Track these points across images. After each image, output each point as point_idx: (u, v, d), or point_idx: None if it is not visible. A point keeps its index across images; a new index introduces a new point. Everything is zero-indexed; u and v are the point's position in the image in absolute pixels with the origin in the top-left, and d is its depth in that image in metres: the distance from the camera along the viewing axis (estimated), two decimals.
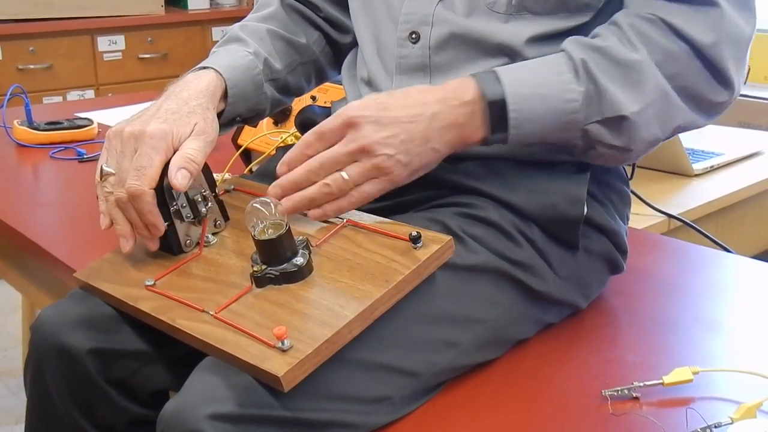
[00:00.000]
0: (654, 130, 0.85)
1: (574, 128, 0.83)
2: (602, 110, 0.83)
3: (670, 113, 0.85)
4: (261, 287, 0.79)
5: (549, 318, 0.92)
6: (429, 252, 0.79)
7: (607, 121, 0.83)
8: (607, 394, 0.79)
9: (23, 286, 1.41)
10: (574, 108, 0.83)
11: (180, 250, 0.88)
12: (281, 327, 0.71)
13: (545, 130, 0.84)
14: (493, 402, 0.81)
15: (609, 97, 0.82)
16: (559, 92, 0.83)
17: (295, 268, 0.79)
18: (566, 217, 0.88)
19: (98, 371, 0.85)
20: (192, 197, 0.86)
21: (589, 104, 0.83)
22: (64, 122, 1.71)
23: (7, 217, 1.27)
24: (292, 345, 0.71)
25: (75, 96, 3.07)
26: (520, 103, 0.82)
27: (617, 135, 0.84)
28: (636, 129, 0.84)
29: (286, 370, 0.69)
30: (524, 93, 0.82)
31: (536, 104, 0.82)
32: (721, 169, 1.60)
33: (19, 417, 2.14)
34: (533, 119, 0.83)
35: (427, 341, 0.80)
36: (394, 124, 0.81)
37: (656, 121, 0.84)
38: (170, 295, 0.82)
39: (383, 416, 0.78)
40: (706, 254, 1.19)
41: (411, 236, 0.79)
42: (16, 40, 2.95)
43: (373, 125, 0.81)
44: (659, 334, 0.94)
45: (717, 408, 0.77)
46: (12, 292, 1.79)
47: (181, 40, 3.29)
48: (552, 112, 0.83)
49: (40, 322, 0.87)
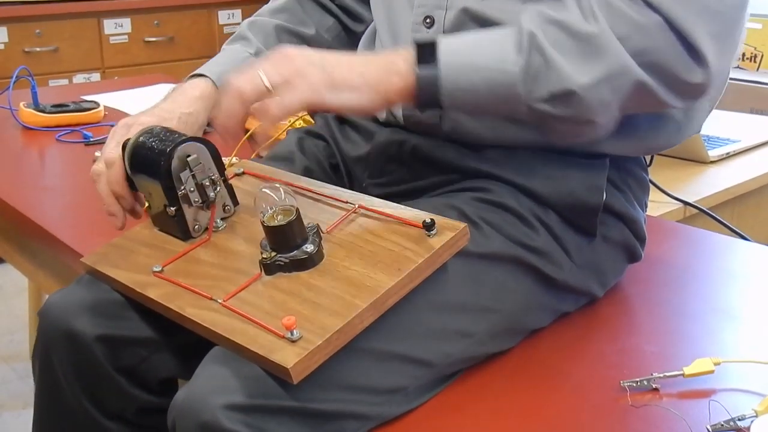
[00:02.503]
0: (610, 105, 0.79)
1: (516, 101, 0.79)
2: (548, 84, 0.78)
3: (633, 90, 0.79)
4: (270, 275, 0.78)
5: (565, 307, 0.91)
6: (443, 240, 0.76)
7: (554, 97, 0.78)
8: (626, 385, 0.77)
9: (29, 270, 1.40)
10: (511, 80, 0.78)
11: (188, 236, 0.86)
12: (290, 317, 0.70)
13: (482, 102, 0.81)
14: (509, 392, 0.79)
15: (557, 70, 0.77)
16: (496, 63, 0.79)
17: (305, 255, 0.77)
18: (584, 204, 0.87)
19: (106, 358, 0.83)
20: (200, 181, 0.85)
21: (533, 77, 0.78)
22: (71, 105, 1.70)
23: (13, 201, 1.26)
24: (301, 335, 0.69)
25: (81, 79, 3.05)
26: (454, 75, 0.79)
27: (565, 109, 0.79)
28: (587, 104, 0.78)
29: (296, 362, 0.67)
30: (458, 62, 0.79)
31: (471, 76, 0.79)
32: (737, 156, 1.58)
33: (26, 401, 2.14)
34: (468, 90, 0.80)
35: (441, 331, 0.79)
36: (313, 50, 0.83)
37: (613, 96, 0.79)
38: (178, 282, 0.80)
39: (396, 407, 0.76)
40: (722, 242, 1.17)
41: (424, 223, 0.77)
42: (22, 23, 2.93)
43: (299, 51, 0.82)
44: (677, 324, 0.92)
45: (740, 400, 0.75)
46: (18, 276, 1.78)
47: (188, 23, 3.26)
48: (487, 85, 0.79)
49: (47, 308, 0.86)
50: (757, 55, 2.83)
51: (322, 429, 0.71)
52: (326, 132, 1.03)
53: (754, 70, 2.82)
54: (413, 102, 0.81)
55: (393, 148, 0.93)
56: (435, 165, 0.91)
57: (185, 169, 0.83)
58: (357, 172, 0.98)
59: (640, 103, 0.81)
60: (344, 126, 1.02)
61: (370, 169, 0.96)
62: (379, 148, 0.95)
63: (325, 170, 1.01)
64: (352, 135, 1.00)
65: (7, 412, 2.11)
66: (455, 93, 0.80)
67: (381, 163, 0.95)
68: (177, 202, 0.84)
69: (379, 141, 0.95)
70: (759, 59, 2.83)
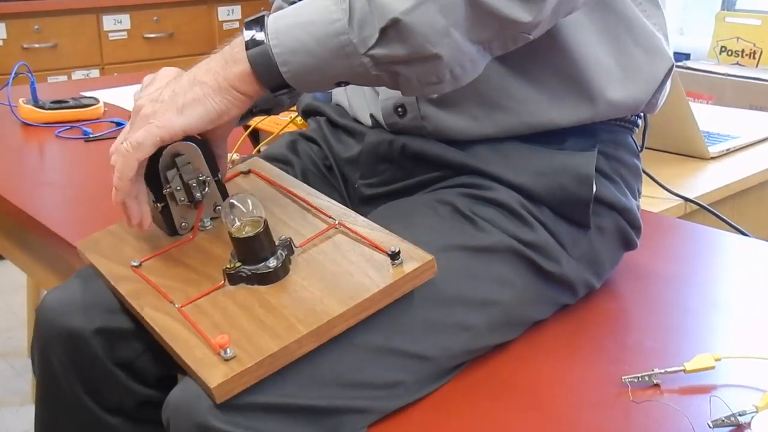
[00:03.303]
0: (448, 31, 0.73)
1: (355, 53, 0.74)
2: (375, 22, 0.73)
3: (466, 7, 0.73)
4: (234, 285, 0.77)
5: (564, 299, 0.91)
6: (404, 271, 0.74)
7: (386, 35, 0.73)
8: (627, 381, 0.77)
9: (28, 266, 1.40)
10: (339, 29, 0.74)
11: (174, 232, 0.86)
12: (224, 335, 0.69)
13: (321, 62, 0.75)
14: (510, 386, 0.79)
15: (378, 3, 0.72)
16: (319, 15, 0.74)
17: (268, 270, 0.76)
18: (576, 197, 0.86)
19: (104, 352, 0.83)
20: (187, 181, 0.84)
21: (361, 22, 0.73)
22: (70, 101, 1.69)
23: (12, 196, 1.25)
24: (235, 355, 0.68)
25: (80, 75, 3.05)
26: (281, 37, 0.75)
27: (400, 45, 0.73)
28: (419, 32, 0.72)
29: (220, 382, 0.66)
30: (283, 24, 0.75)
31: (298, 34, 0.75)
32: (737, 152, 1.57)
33: (24, 397, 2.14)
34: (299, 50, 0.75)
35: (440, 324, 0.79)
36: (164, 85, 0.80)
37: (446, 19, 0.72)
38: (148, 280, 0.81)
39: (396, 401, 0.76)
40: (723, 238, 1.17)
41: (390, 252, 0.75)
42: (21, 19, 2.93)
43: (145, 94, 0.80)
44: (677, 319, 0.92)
45: (740, 395, 0.75)
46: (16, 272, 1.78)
47: (187, 19, 3.26)
48: (316, 39, 0.74)
49: (44, 307, 0.86)
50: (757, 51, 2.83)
51: (321, 424, 0.71)
52: (318, 135, 1.03)
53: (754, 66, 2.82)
54: (258, 83, 0.77)
55: (383, 148, 0.93)
56: (425, 162, 0.90)
57: (173, 167, 0.83)
58: (349, 174, 0.98)
59: (484, 24, 0.74)
60: (336, 128, 1.02)
61: (361, 169, 0.96)
62: (369, 149, 0.95)
63: (321, 171, 1.01)
64: (343, 137, 1.00)
65: (5, 409, 2.11)
66: (290, 58, 0.75)
67: (372, 164, 0.95)
68: (163, 199, 0.84)
69: (369, 141, 0.95)
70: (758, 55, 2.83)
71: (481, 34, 0.75)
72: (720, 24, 2.90)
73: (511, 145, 0.88)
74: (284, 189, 0.89)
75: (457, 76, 0.77)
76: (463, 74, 0.77)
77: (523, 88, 0.87)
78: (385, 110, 0.92)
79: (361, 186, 0.96)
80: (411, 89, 0.78)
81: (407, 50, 0.73)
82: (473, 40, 0.75)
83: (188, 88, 0.77)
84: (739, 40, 2.86)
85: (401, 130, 0.92)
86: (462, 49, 0.74)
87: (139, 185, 0.80)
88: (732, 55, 2.87)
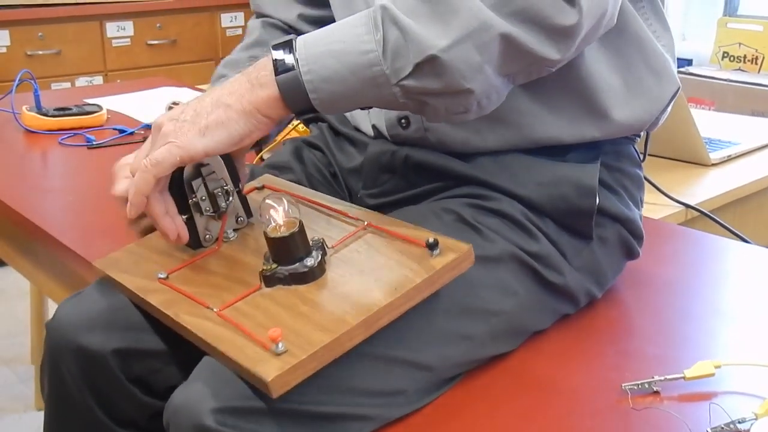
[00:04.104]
0: (482, 68, 0.73)
1: (387, 84, 0.74)
2: (410, 56, 0.73)
3: (501, 46, 0.73)
4: (270, 287, 0.77)
5: (565, 309, 0.91)
6: (445, 260, 0.75)
7: (420, 70, 0.73)
8: (626, 388, 0.77)
9: (31, 273, 1.40)
10: (372, 60, 0.73)
11: (198, 244, 0.86)
12: (276, 329, 0.69)
13: (351, 91, 0.75)
14: (510, 394, 0.79)
15: (414, 38, 0.72)
16: (352, 44, 0.74)
17: (306, 269, 0.76)
18: (578, 209, 0.87)
19: (121, 370, 0.83)
20: (212, 191, 0.84)
21: (395, 53, 0.73)
22: (73, 108, 1.70)
23: (16, 203, 1.26)
24: (287, 349, 0.69)
25: (83, 82, 3.06)
26: (312, 64, 0.74)
27: (434, 80, 0.73)
28: (454, 68, 0.73)
29: (275, 375, 0.67)
30: (315, 52, 0.75)
31: (330, 62, 0.74)
32: (738, 159, 1.57)
33: (27, 404, 2.14)
34: (330, 79, 0.74)
35: (442, 334, 0.79)
36: (185, 104, 0.80)
37: (481, 56, 0.73)
38: (179, 289, 0.80)
39: (397, 409, 0.76)
40: (724, 245, 1.17)
41: (428, 242, 0.76)
42: (25, 26, 2.94)
43: (167, 114, 0.79)
44: (678, 326, 0.92)
45: (740, 403, 0.75)
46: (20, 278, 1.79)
47: (190, 26, 3.27)
48: (349, 69, 0.74)
49: (58, 320, 0.85)
50: (758, 57, 2.83)
51: (322, 430, 0.72)
52: (322, 142, 1.04)
53: (756, 72, 2.82)
54: (285, 107, 0.77)
55: (385, 158, 0.93)
56: (428, 173, 0.91)
57: (198, 177, 0.83)
58: (352, 183, 0.99)
59: (514, 59, 0.75)
60: (339, 137, 1.02)
61: (363, 179, 0.96)
62: (372, 159, 0.95)
63: (327, 179, 1.02)
64: (345, 146, 1.01)
65: (8, 415, 2.11)
66: (321, 86, 0.75)
67: (374, 174, 0.95)
68: (188, 210, 0.84)
69: (371, 152, 0.95)
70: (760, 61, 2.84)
71: (510, 68, 0.76)
72: (722, 30, 2.91)
73: (514, 157, 0.88)
74: (301, 198, 0.90)
75: (483, 107, 0.78)
76: (489, 104, 0.78)
77: (527, 104, 0.87)
78: (388, 121, 0.92)
79: (364, 196, 0.96)
80: (437, 117, 0.79)
81: (441, 85, 0.74)
82: (502, 73, 0.76)
83: (211, 109, 0.77)
84: (742, 46, 2.86)
85: (404, 141, 0.92)
86: (492, 82, 0.75)
87: (166, 199, 0.81)
88: (734, 61, 2.88)
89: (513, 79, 0.78)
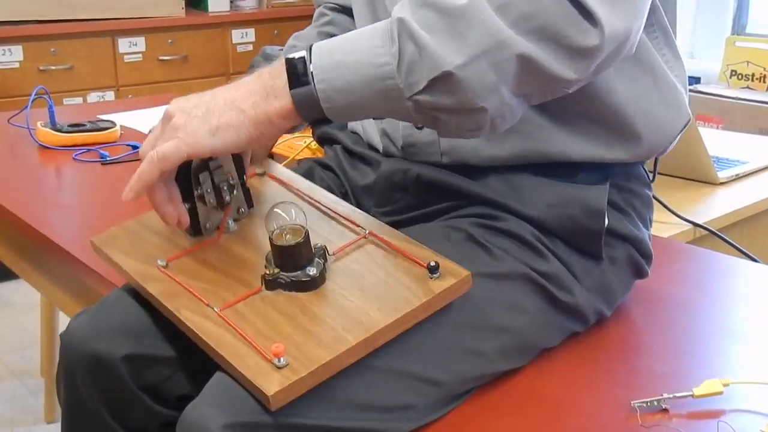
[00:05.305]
0: (497, 87, 0.73)
1: (400, 97, 0.74)
2: (425, 71, 0.72)
3: (517, 65, 0.73)
4: (270, 290, 0.78)
5: (575, 327, 0.91)
6: (444, 285, 0.76)
7: (433, 83, 0.73)
8: (635, 406, 0.78)
9: (43, 287, 1.41)
10: (387, 73, 0.73)
11: (198, 232, 0.86)
12: (279, 345, 0.70)
13: (364, 102, 0.75)
14: (519, 411, 0.80)
15: (430, 53, 0.72)
16: (367, 57, 0.74)
17: (308, 278, 0.77)
18: (587, 230, 0.87)
19: (131, 378, 0.84)
20: (218, 184, 0.85)
21: (409, 67, 0.73)
22: (87, 124, 1.71)
23: (30, 218, 1.27)
24: (288, 363, 0.69)
25: (95, 97, 3.08)
26: (326, 74, 0.75)
27: (448, 96, 0.73)
28: (468, 86, 0.72)
29: (277, 390, 0.68)
30: (330, 62, 0.75)
31: (344, 74, 0.74)
32: (746, 177, 1.58)
33: (37, 417, 2.14)
34: (344, 90, 0.74)
35: (452, 349, 0.79)
36: (198, 96, 0.80)
37: (496, 75, 0.72)
38: (180, 281, 0.81)
39: (406, 424, 0.77)
40: (732, 263, 1.17)
41: (429, 265, 0.77)
42: (38, 41, 2.96)
43: (180, 104, 0.80)
44: (686, 344, 0.93)
45: (748, 421, 0.76)
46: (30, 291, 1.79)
47: (202, 41, 3.29)
48: (363, 82, 0.74)
49: (70, 332, 0.86)
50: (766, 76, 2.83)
51: None
52: (335, 163, 1.05)
53: (764, 91, 2.82)
54: (298, 117, 0.77)
55: (398, 176, 0.94)
56: (439, 191, 0.92)
57: (205, 170, 0.84)
58: (364, 201, 1.00)
59: (531, 79, 0.74)
60: (353, 156, 1.03)
61: (376, 197, 0.97)
62: (385, 177, 0.96)
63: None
64: (358, 165, 1.02)
65: (18, 428, 2.12)
66: (334, 96, 0.75)
67: (387, 192, 0.96)
68: (192, 200, 0.85)
69: (384, 170, 0.96)
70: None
71: (526, 88, 0.76)
72: (730, 48, 2.91)
73: (523, 177, 0.89)
74: (301, 193, 0.90)
75: (496, 126, 0.77)
76: (503, 123, 0.78)
77: (540, 117, 0.88)
78: (404, 125, 0.93)
79: (376, 214, 0.96)
80: (448, 133, 0.79)
81: (454, 102, 0.74)
82: (517, 93, 0.76)
83: (224, 110, 0.77)
84: (750, 64, 2.87)
85: (414, 154, 0.93)
86: (506, 102, 0.75)
87: (171, 187, 0.82)
88: (742, 79, 2.88)
89: (528, 99, 0.78)
